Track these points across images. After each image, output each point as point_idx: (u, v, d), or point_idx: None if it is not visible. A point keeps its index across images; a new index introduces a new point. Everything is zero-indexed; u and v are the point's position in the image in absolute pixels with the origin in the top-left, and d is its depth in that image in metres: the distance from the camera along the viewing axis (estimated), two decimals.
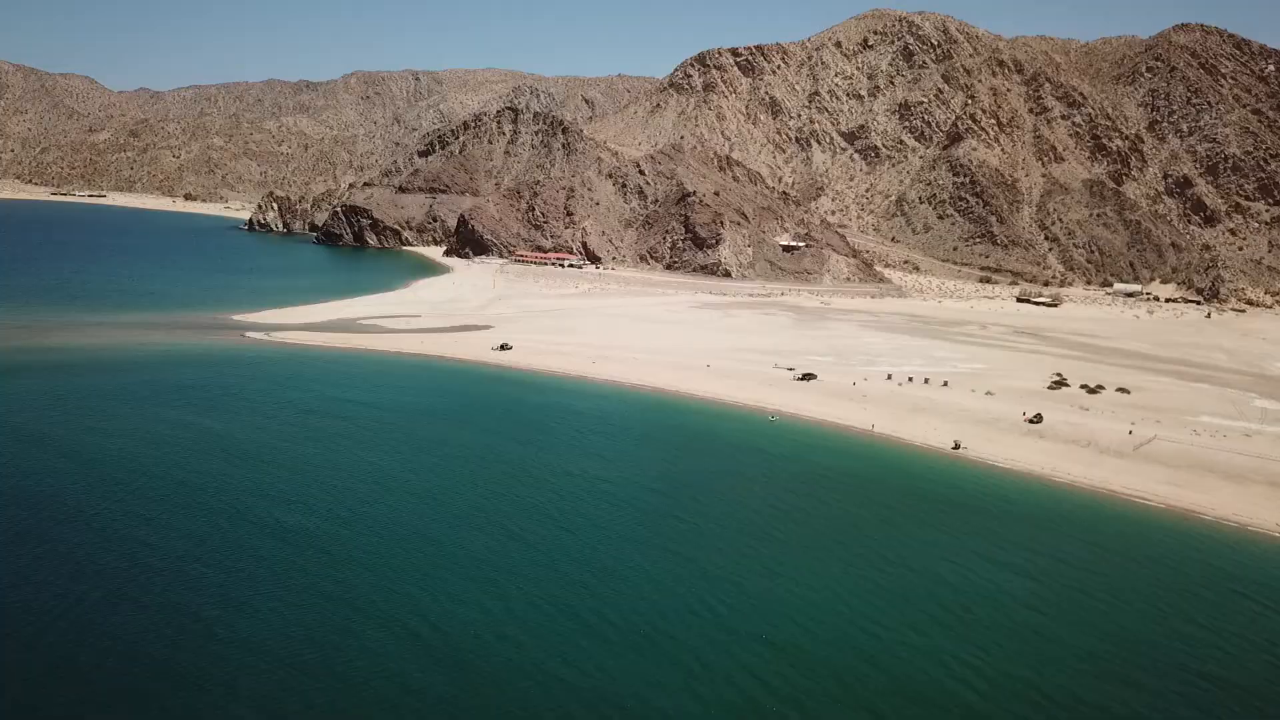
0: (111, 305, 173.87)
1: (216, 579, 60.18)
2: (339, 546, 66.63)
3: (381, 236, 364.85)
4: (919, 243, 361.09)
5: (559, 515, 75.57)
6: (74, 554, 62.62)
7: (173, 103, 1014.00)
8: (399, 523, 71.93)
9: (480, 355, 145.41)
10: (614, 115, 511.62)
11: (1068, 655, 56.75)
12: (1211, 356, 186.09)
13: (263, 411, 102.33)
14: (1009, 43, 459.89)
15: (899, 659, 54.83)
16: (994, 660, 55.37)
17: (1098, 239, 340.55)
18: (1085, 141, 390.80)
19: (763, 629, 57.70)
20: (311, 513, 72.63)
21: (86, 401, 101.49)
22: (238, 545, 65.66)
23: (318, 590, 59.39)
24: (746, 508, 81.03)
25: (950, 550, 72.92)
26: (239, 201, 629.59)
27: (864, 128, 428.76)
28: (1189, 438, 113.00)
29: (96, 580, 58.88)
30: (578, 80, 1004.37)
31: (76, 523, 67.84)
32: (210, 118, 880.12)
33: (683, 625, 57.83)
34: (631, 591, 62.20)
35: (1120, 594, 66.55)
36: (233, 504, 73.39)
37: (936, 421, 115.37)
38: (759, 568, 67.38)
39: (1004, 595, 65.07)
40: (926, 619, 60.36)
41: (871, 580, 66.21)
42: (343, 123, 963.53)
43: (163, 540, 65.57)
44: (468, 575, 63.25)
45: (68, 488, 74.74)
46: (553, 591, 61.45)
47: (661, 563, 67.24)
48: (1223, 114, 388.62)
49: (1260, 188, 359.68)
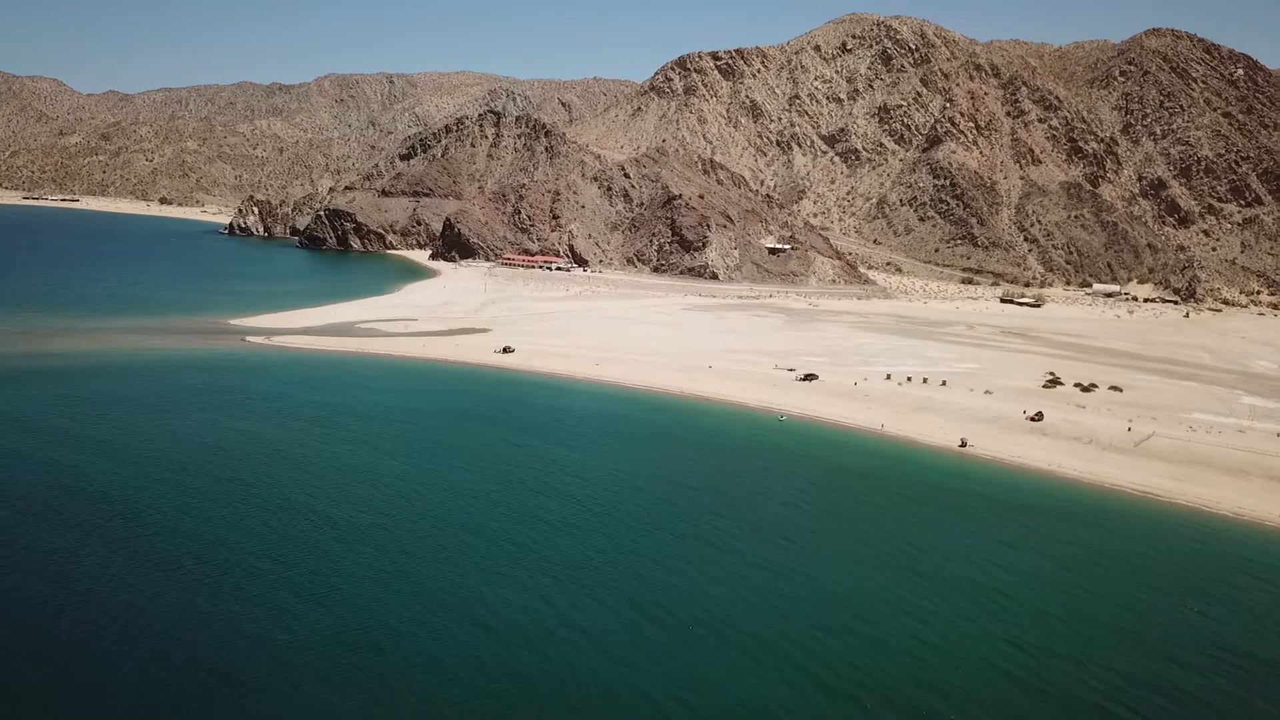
0: (106, 310, 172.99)
1: (288, 573, 61.24)
2: (399, 542, 67.91)
3: (365, 240, 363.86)
4: (901, 244, 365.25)
5: (599, 510, 77.16)
6: (139, 548, 63.53)
7: (143, 105, 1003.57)
8: (450, 519, 73.33)
9: (484, 358, 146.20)
10: (595, 118, 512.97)
11: (1108, 635, 59.22)
12: (1195, 355, 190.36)
13: (285, 414, 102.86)
14: (985, 47, 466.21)
15: (951, 640, 56.95)
16: (1039, 640, 57.64)
17: (1076, 240, 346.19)
18: (1062, 144, 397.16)
19: (815, 614, 59.58)
20: (365, 511, 73.78)
21: (107, 406, 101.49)
22: (305, 543, 66.80)
23: (384, 584, 60.59)
24: (775, 502, 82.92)
25: (975, 541, 75.07)
26: (215, 205, 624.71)
27: (844, 131, 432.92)
28: (1185, 434, 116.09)
29: (174, 574, 59.80)
30: (553, 83, 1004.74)
31: (142, 521, 68.63)
32: (182, 121, 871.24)
33: (740, 611, 59.65)
34: (685, 582, 63.89)
35: (1145, 580, 68.98)
36: (286, 502, 74.59)
37: (940, 420, 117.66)
38: (798, 558, 69.38)
39: (1036, 582, 67.26)
40: (969, 604, 62.55)
41: (909, 569, 68.23)
42: (317, 126, 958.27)
43: (229, 538, 66.33)
44: (525, 567, 64.75)
45: (119, 487, 75.12)
46: (609, 581, 63.22)
47: (706, 554, 69.11)
48: (1194, 117, 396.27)
49: (1232, 189, 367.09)
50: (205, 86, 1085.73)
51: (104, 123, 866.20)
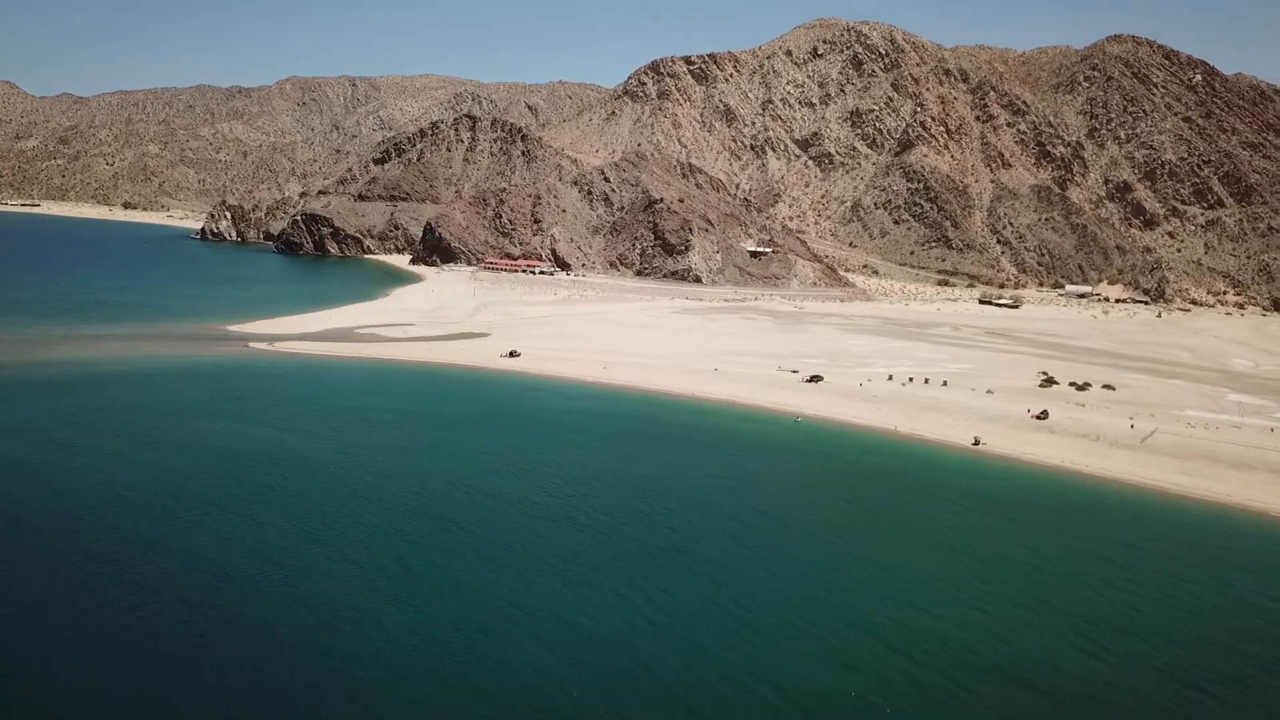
0: (101, 318, 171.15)
1: (362, 577, 61.97)
2: (464, 547, 68.87)
3: (343, 245, 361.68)
4: (876, 247, 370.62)
5: (649, 513, 78.57)
6: (197, 557, 63.81)
7: (98, 108, 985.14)
8: (502, 524, 74.23)
9: (490, 363, 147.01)
10: (568, 122, 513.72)
11: (1161, 627, 61.80)
12: (1175, 354, 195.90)
13: (312, 422, 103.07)
14: (953, 52, 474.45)
15: (1012, 634, 59.09)
16: (1095, 634, 59.88)
17: (1047, 242, 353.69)
18: (1030, 148, 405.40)
19: (882, 611, 61.56)
20: (418, 517, 74.48)
21: (128, 416, 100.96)
22: (373, 548, 67.45)
23: (449, 589, 61.47)
24: (816, 500, 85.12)
25: (1010, 537, 77.66)
26: (181, 210, 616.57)
27: (817, 135, 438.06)
28: (1185, 430, 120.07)
29: (230, 580, 60.15)
30: (519, 87, 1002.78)
31: (206, 531, 68.88)
32: (142, 124, 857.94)
33: (811, 609, 61.42)
34: (750, 581, 65.50)
35: (1182, 572, 72.04)
36: (335, 510, 74.98)
37: (950, 420, 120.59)
38: (856, 553, 71.85)
39: (1084, 575, 69.81)
40: (1026, 595, 64.88)
41: (962, 564, 70.67)
42: (279, 129, 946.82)
43: (283, 543, 66.83)
44: (588, 569, 65.96)
45: (170, 502, 74.80)
46: (676, 581, 64.68)
47: (763, 554, 70.83)
48: (1157, 121, 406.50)
49: (1195, 192, 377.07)
50: (162, 89, 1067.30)
51: (60, 126, 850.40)
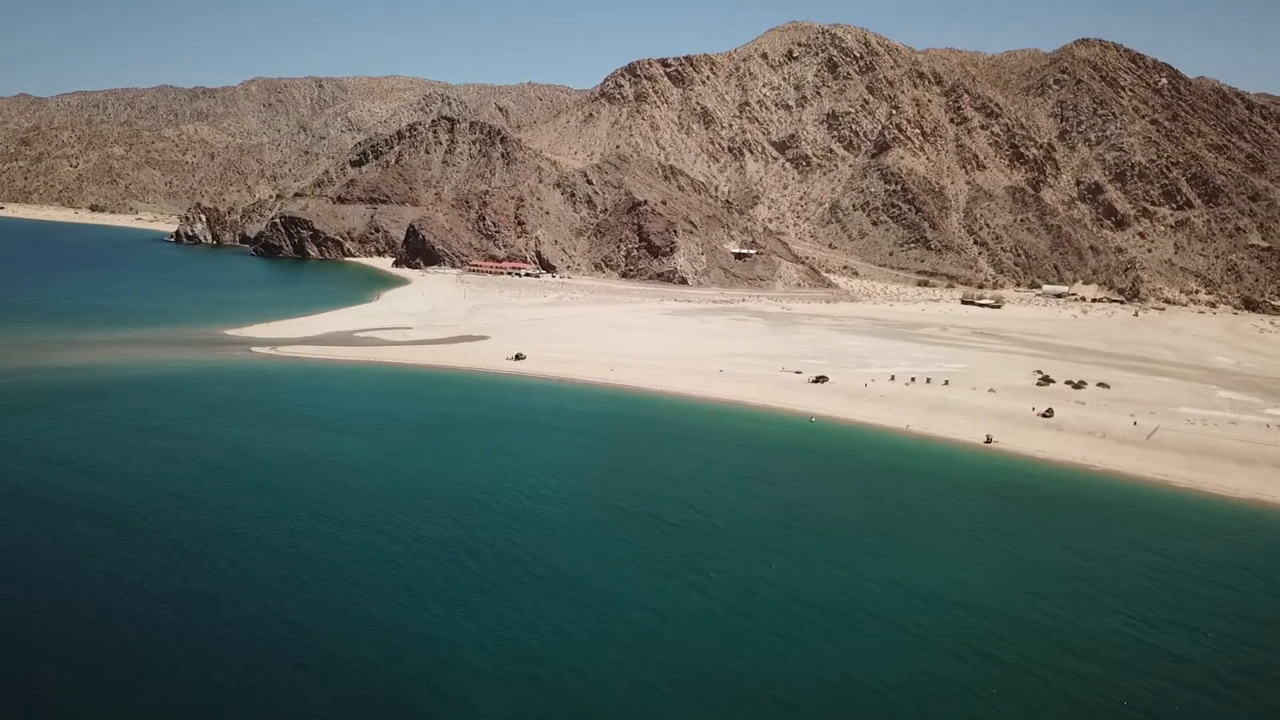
0: (98, 323, 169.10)
1: (429, 581, 62.48)
2: (522, 548, 69.49)
3: (323, 248, 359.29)
4: (855, 248, 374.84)
5: (695, 513, 79.64)
6: (276, 553, 64.11)
7: (57, 109, 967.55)
8: (559, 524, 75.07)
9: (498, 365, 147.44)
10: (545, 124, 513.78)
11: (1208, 615, 64.20)
12: (1159, 353, 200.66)
13: (338, 426, 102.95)
14: (925, 54, 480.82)
15: (1069, 627, 61.06)
16: (1148, 628, 62.00)
17: (1023, 243, 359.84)
18: (1004, 150, 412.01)
19: (945, 602, 63.50)
20: (484, 518, 75.30)
21: (156, 421, 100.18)
22: (439, 552, 67.80)
23: (524, 588, 62.19)
24: (848, 501, 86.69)
25: (1042, 533, 79.84)
26: (150, 213, 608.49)
27: (794, 137, 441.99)
28: (1185, 427, 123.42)
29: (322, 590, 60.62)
30: (489, 88, 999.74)
31: (255, 540, 68.77)
32: (106, 126, 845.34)
33: (879, 601, 63.40)
34: (817, 573, 67.28)
35: (1215, 563, 74.61)
36: (404, 512, 75.57)
37: (959, 418, 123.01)
38: (901, 548, 73.60)
39: (1121, 570, 71.99)
40: (1073, 592, 66.77)
41: (1005, 557, 72.67)
42: (245, 131, 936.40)
43: (359, 542, 67.26)
44: (653, 567, 67.12)
45: (213, 515, 74.59)
46: (739, 580, 65.89)
47: (814, 551, 72.36)
48: (1126, 124, 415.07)
49: (1164, 193, 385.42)
50: (124, 90, 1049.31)
51: (19, 127, 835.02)
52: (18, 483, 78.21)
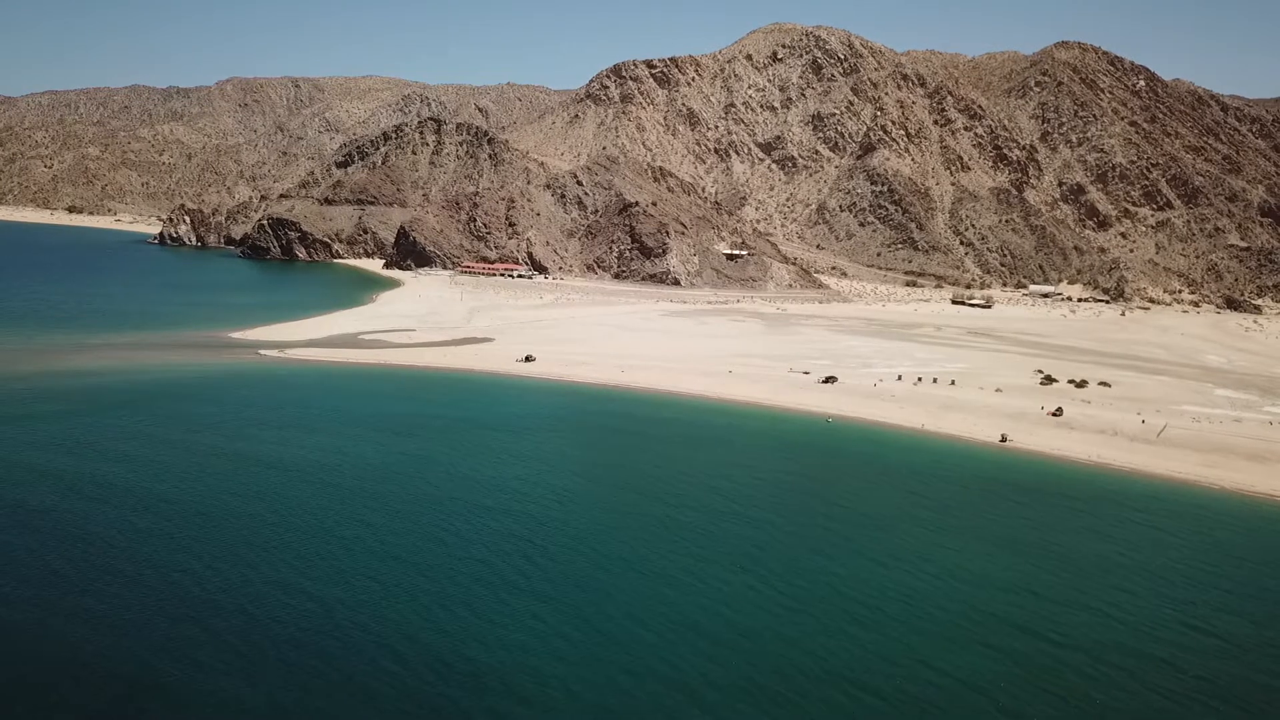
0: (101, 326, 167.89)
1: (490, 580, 63.14)
2: (580, 547, 70.73)
3: (311, 250, 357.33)
4: (843, 249, 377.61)
5: (741, 513, 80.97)
6: (330, 559, 64.44)
7: (28, 109, 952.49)
8: (605, 524, 76.12)
9: (509, 368, 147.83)
10: (530, 125, 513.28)
11: (1254, 610, 65.85)
12: (1152, 352, 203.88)
13: (366, 430, 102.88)
14: (908, 56, 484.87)
15: (1117, 624, 62.59)
16: (1195, 622, 63.73)
17: (1008, 243, 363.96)
18: (988, 151, 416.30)
19: (992, 599, 65.08)
20: (533, 519, 76.36)
21: (185, 427, 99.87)
22: (502, 554, 68.55)
23: (584, 592, 62.98)
24: (883, 500, 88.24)
25: (1076, 529, 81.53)
26: (129, 214, 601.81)
27: (780, 138, 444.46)
28: (1193, 425, 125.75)
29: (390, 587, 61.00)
30: (467, 89, 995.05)
31: (321, 533, 69.21)
32: (80, 126, 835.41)
33: (937, 594, 64.93)
34: (874, 569, 68.90)
35: (1254, 559, 76.57)
36: (450, 514, 76.41)
37: (973, 418, 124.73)
38: (950, 546, 75.11)
39: (1157, 566, 73.79)
40: (1112, 588, 68.40)
41: (1041, 555, 74.13)
42: (221, 131, 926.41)
43: (409, 546, 67.72)
44: (709, 567, 68.20)
45: (266, 529, 74.78)
46: (800, 568, 67.75)
47: (863, 548, 74.00)
48: (1106, 126, 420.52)
49: (1145, 194, 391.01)
50: (96, 89, 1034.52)
51: None
52: (90, 478, 79.05)
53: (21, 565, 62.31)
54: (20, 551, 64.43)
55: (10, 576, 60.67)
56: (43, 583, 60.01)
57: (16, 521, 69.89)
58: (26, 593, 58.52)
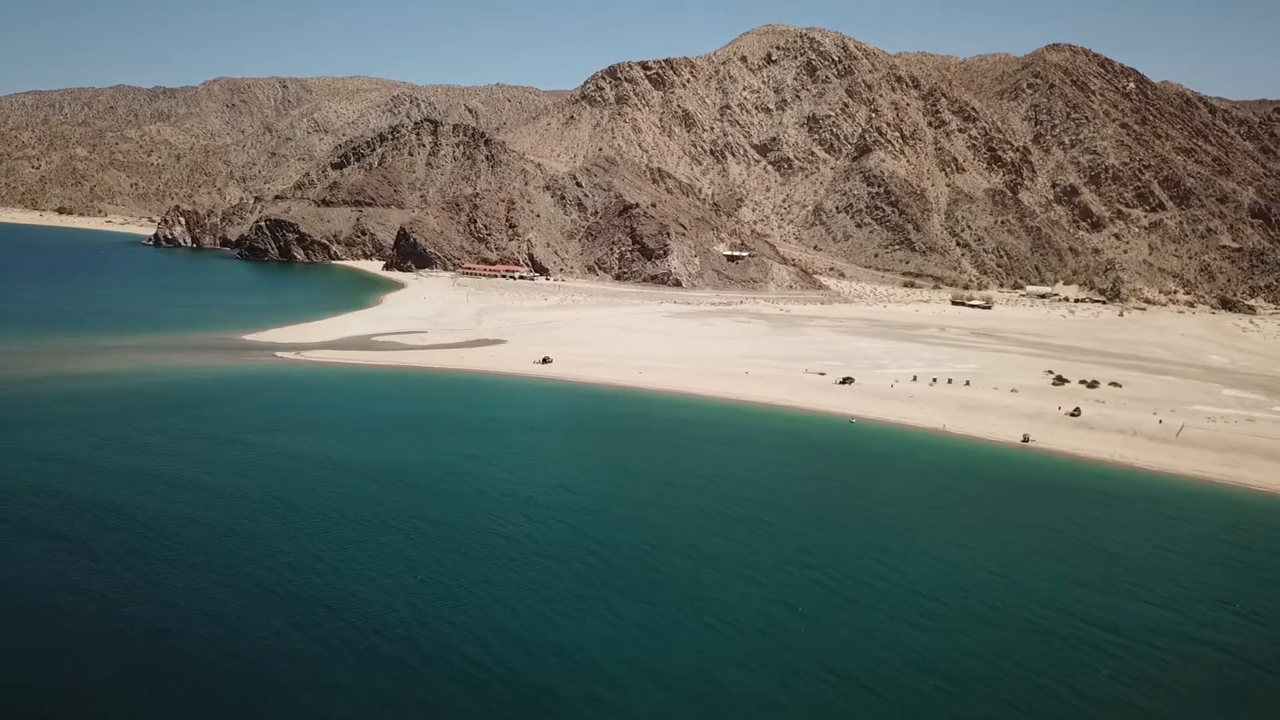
0: (111, 328, 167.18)
1: (550, 582, 63.81)
2: (642, 546, 71.72)
3: (309, 251, 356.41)
4: (840, 250, 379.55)
5: (788, 513, 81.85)
6: (393, 561, 64.94)
7: (11, 109, 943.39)
8: (663, 526, 76.78)
9: (527, 369, 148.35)
10: (525, 126, 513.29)
11: None
12: (1154, 352, 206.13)
13: (401, 432, 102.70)
14: (901, 58, 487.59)
15: (1175, 608, 63.94)
16: (1240, 623, 65.14)
17: (1004, 245, 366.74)
18: (982, 153, 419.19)
19: (1042, 590, 66.57)
20: (588, 520, 77.13)
21: (221, 430, 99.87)
22: (562, 554, 69.23)
23: (631, 590, 63.77)
24: (920, 499, 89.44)
25: (1111, 528, 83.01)
26: (120, 216, 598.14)
27: (775, 140, 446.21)
28: (1208, 424, 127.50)
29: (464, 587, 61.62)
30: (456, 89, 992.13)
31: (390, 532, 69.67)
32: (65, 126, 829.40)
33: (987, 592, 66.21)
34: (922, 566, 69.93)
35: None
36: (503, 516, 76.82)
37: (992, 418, 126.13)
38: (993, 544, 76.30)
39: (1203, 563, 75.21)
40: (1157, 586, 69.70)
41: (1078, 552, 75.44)
42: (208, 131, 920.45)
43: (473, 544, 68.37)
44: (763, 562, 69.15)
45: (322, 546, 75.19)
46: (850, 568, 68.67)
47: (913, 541, 75.30)
48: (1099, 128, 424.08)
49: (1138, 195, 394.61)
50: (80, 89, 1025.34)
51: None
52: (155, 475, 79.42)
53: (111, 561, 63.16)
54: (107, 547, 65.02)
55: (113, 574, 61.42)
56: (159, 580, 61.17)
57: (94, 520, 70.51)
58: (146, 589, 59.69)
